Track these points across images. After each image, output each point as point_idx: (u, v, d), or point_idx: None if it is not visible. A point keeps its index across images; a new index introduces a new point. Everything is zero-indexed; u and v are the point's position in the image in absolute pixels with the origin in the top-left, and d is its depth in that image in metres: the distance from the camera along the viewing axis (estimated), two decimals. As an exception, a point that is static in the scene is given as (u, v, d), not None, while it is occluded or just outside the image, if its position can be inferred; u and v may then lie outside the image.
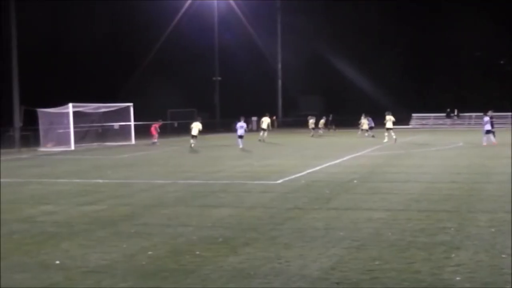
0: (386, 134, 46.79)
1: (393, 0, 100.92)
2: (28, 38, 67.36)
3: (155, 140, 50.54)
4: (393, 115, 47.99)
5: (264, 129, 52.00)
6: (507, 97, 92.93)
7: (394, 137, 45.51)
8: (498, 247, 11.53)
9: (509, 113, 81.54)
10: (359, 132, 58.06)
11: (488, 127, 40.65)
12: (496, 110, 78.71)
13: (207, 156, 37.50)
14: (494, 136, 40.61)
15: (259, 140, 49.54)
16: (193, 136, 42.63)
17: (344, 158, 32.42)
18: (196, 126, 42.93)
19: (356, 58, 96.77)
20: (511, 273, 9.85)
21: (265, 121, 52.47)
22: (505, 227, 13.27)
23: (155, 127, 51.62)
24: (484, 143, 39.91)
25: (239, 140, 41.45)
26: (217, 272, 10.38)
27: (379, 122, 52.59)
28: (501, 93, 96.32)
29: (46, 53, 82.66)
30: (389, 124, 47.89)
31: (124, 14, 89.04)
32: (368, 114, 57.98)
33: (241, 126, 42.05)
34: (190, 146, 41.89)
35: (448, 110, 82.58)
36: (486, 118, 40.87)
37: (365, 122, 57.34)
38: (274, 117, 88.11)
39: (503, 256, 10.92)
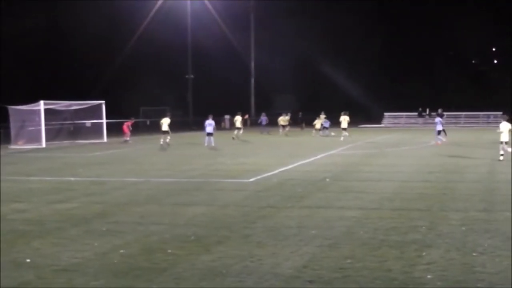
0: (342, 133, 48.36)
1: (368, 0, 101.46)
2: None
3: (127, 138, 50.18)
4: (368, 114, 48.79)
5: (238, 128, 51.98)
6: (480, 96, 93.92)
7: (347, 134, 47.62)
8: (469, 246, 11.62)
9: (481, 112, 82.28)
10: (314, 131, 58.15)
11: (439, 127, 41.60)
12: (469, 109, 79.67)
13: (181, 154, 37.40)
14: (445, 134, 41.91)
15: (233, 138, 49.50)
16: (164, 132, 42.48)
17: (317, 157, 32.50)
18: (165, 122, 42.87)
19: (330, 57, 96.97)
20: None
21: (238, 119, 52.52)
22: (476, 225, 13.39)
23: (127, 125, 51.23)
24: (439, 142, 40.83)
25: (208, 138, 41.32)
26: (189, 270, 10.36)
27: (336, 122, 53.20)
28: (474, 92, 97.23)
29: (16, 50, 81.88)
30: (343, 124, 50.12)
31: (97, 12, 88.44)
32: (324, 113, 58.95)
33: (209, 123, 41.92)
34: (162, 143, 41.68)
35: (420, 109, 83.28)
36: (438, 119, 42.18)
37: (318, 122, 57.70)
38: (247, 116, 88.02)
39: (474, 254, 11.01)
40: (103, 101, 54.34)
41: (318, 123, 57.50)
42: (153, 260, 11.08)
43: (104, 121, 54.29)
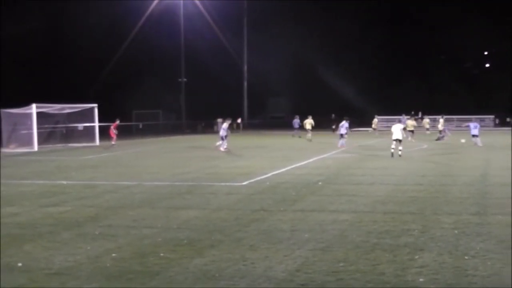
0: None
1: (362, 3, 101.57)
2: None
3: (113, 143, 49.32)
4: (361, 117, 48.81)
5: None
6: (472, 99, 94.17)
7: (309, 137, 50.46)
8: (461, 249, 11.65)
9: (473, 116, 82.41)
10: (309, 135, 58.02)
11: (343, 130, 42.65)
12: (461, 113, 79.79)
13: (173, 157, 37.36)
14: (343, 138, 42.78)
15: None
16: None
17: (310, 160, 32.51)
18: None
19: (324, 60, 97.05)
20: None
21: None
22: (469, 229, 13.41)
23: (113, 127, 50.11)
24: (339, 145, 41.81)
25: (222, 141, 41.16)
26: (182, 274, 10.36)
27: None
28: (466, 96, 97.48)
29: (9, 53, 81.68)
30: (308, 126, 54.26)
31: (90, 14, 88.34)
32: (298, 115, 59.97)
33: (223, 128, 41.83)
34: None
35: (413, 112, 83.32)
36: (343, 123, 43.01)
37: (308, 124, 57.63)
38: (240, 119, 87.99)
39: (467, 257, 11.04)
40: (96, 105, 54.26)
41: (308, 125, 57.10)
42: (145, 263, 11.07)
43: (97, 124, 54.21)
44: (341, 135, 42.72)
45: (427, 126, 62.53)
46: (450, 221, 14.30)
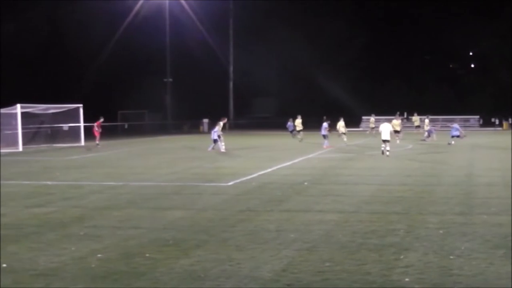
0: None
1: (349, 3, 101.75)
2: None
3: (97, 142, 48.72)
4: (347, 117, 48.71)
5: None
6: (457, 100, 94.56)
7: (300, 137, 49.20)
8: (447, 249, 11.69)
9: (458, 116, 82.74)
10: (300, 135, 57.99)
11: (323, 131, 43.33)
12: (447, 113, 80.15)
13: (159, 158, 37.29)
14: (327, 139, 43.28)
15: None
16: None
17: (296, 160, 32.54)
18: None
19: (310, 60, 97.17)
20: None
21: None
22: (454, 228, 13.47)
23: (96, 126, 49.32)
24: (325, 146, 42.13)
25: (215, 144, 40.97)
26: (168, 274, 10.35)
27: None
28: (451, 96, 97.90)
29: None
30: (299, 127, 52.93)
31: (76, 14, 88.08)
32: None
33: (214, 130, 41.66)
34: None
35: (398, 113, 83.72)
36: (325, 124, 43.63)
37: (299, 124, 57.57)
38: (225, 120, 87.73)
39: (452, 257, 11.08)
40: (81, 105, 54.00)
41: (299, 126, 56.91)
42: (131, 264, 11.05)
43: (82, 124, 53.94)
44: (324, 136, 42.94)
45: (417, 124, 61.96)
46: (435, 221, 14.35)
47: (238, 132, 64.53)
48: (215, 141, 40.59)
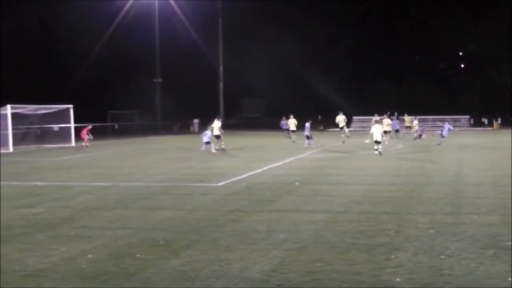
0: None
1: (335, 4, 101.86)
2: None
3: (84, 144, 47.95)
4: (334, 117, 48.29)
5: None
6: (447, 100, 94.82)
7: (294, 138, 47.03)
8: (437, 248, 11.71)
9: (448, 116, 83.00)
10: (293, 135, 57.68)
11: (307, 132, 43.06)
12: (436, 113, 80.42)
13: (149, 158, 37.24)
14: (311, 139, 43.31)
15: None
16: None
17: (286, 161, 32.52)
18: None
19: (298, 61, 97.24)
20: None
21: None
22: (444, 228, 13.49)
23: (85, 131, 48.75)
24: (305, 146, 42.23)
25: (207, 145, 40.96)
26: (158, 275, 10.34)
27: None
28: (441, 96, 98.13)
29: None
30: (292, 127, 51.17)
31: (64, 15, 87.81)
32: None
33: (205, 133, 41.64)
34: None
35: (388, 113, 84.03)
36: (307, 124, 43.34)
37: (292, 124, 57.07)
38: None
39: (442, 257, 11.10)
40: (71, 105, 53.84)
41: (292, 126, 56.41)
42: (121, 265, 11.03)
43: (72, 125, 53.77)
44: (307, 137, 42.95)
45: (408, 124, 60.12)
46: (425, 221, 14.38)
47: (228, 132, 64.31)
48: (207, 143, 40.55)
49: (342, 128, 44.93)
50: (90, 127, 48.34)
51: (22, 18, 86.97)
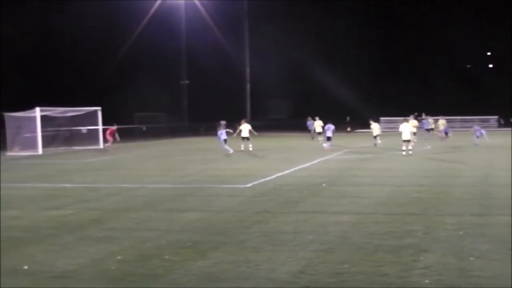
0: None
1: (362, 4, 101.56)
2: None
3: (109, 144, 48.28)
4: (364, 119, 47.69)
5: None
6: (475, 100, 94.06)
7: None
8: (465, 250, 11.62)
9: (476, 117, 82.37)
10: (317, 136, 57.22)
11: (329, 133, 42.91)
12: (464, 113, 79.84)
13: (176, 160, 37.36)
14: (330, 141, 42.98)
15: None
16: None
17: (313, 162, 32.46)
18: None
19: (325, 62, 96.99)
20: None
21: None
22: (472, 230, 13.38)
23: (110, 132, 48.87)
24: (326, 148, 41.79)
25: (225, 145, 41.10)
26: (186, 276, 10.36)
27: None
28: (468, 96, 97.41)
29: (12, 56, 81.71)
30: (318, 129, 50.43)
31: (91, 17, 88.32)
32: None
33: (220, 133, 41.80)
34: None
35: (416, 113, 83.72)
36: (329, 125, 43.13)
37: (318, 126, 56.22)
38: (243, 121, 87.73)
39: (471, 258, 11.01)
40: (99, 108, 54.17)
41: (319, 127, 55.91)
42: (149, 266, 11.07)
43: (100, 127, 54.09)
44: (328, 138, 42.54)
45: (442, 127, 57.22)
46: (453, 222, 14.28)
47: (254, 133, 64.27)
48: (225, 141, 40.67)
49: (375, 137, 44.27)
50: (115, 128, 48.60)
51: (48, 20, 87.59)
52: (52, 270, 10.99)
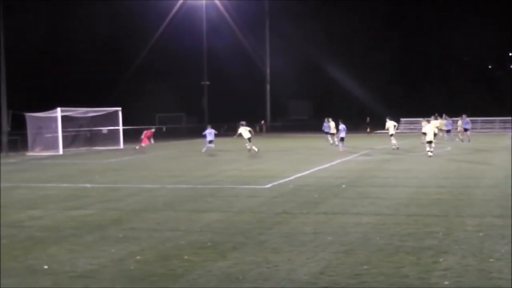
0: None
1: (382, 5, 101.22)
2: (15, 42, 67.18)
3: (143, 145, 48.23)
4: (384, 120, 46.92)
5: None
6: (496, 101, 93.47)
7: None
8: (486, 252, 11.56)
9: (497, 118, 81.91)
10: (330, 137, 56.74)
11: (343, 134, 41.94)
12: (485, 114, 79.43)
13: (196, 160, 37.42)
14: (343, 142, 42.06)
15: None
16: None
17: (333, 163, 32.41)
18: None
19: (345, 62, 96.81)
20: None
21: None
22: (493, 231, 13.31)
23: (148, 134, 48.58)
24: (340, 150, 40.83)
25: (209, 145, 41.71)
26: (205, 276, 10.38)
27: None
28: (489, 97, 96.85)
29: (34, 57, 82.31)
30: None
31: (113, 18, 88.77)
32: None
33: (209, 132, 42.24)
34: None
35: (436, 114, 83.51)
36: (342, 126, 42.20)
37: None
38: (263, 122, 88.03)
39: (491, 260, 10.95)
40: (120, 108, 54.35)
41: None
42: (169, 266, 11.10)
43: (121, 127, 54.31)
44: (342, 139, 41.90)
45: (459, 128, 55.98)
46: (474, 223, 14.21)
47: (274, 134, 64.19)
48: (210, 141, 41.22)
49: (392, 135, 43.18)
50: (153, 130, 48.41)
51: (71, 20, 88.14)
52: (73, 270, 11.05)
